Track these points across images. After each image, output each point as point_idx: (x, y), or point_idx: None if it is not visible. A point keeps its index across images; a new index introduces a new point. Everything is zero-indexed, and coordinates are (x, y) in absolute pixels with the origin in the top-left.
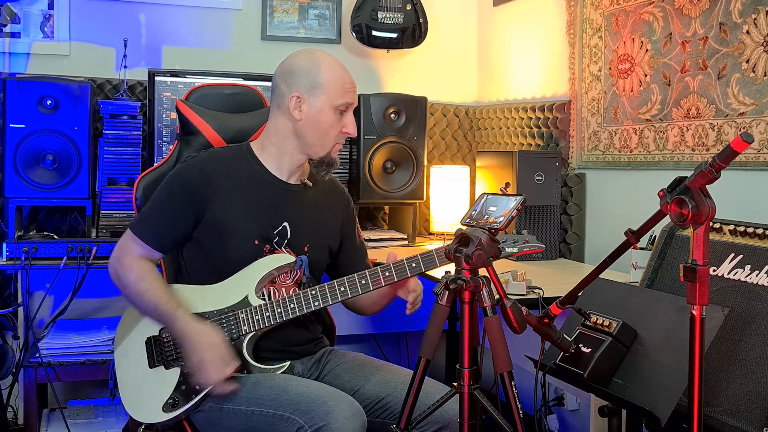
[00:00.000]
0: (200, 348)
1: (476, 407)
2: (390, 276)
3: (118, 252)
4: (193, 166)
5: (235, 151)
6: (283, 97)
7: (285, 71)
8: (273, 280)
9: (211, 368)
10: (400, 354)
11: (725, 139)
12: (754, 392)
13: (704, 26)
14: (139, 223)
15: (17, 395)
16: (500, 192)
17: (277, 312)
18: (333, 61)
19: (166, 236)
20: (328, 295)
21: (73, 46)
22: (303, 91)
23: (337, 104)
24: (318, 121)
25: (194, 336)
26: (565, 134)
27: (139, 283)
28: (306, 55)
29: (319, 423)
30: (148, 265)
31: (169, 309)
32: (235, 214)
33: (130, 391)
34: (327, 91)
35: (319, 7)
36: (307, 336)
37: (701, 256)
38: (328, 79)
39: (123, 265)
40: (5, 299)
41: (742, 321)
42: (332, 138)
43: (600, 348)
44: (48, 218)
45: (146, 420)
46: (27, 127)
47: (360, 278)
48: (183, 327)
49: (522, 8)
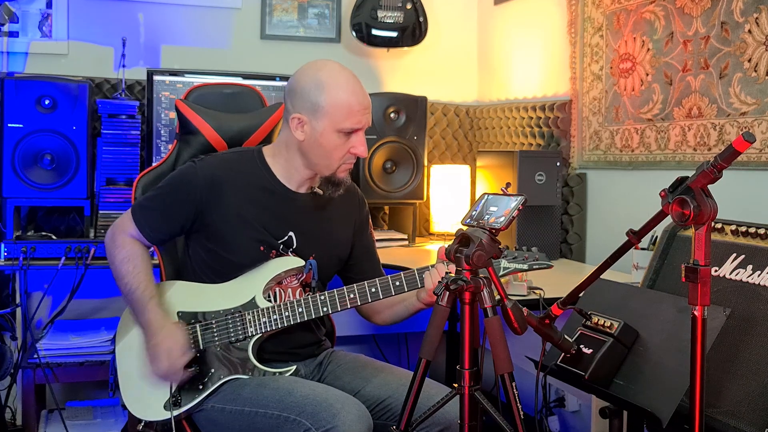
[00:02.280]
0: (158, 337)
1: (477, 408)
2: (401, 286)
3: (115, 227)
4: (202, 170)
5: (247, 157)
6: (288, 113)
7: (290, 88)
8: (280, 281)
9: (164, 357)
10: (400, 355)
11: (727, 139)
12: (755, 393)
13: (706, 25)
14: (140, 209)
15: (15, 396)
16: (501, 192)
17: (284, 315)
18: (341, 82)
19: (160, 231)
20: (337, 301)
21: (72, 46)
22: (304, 113)
23: (340, 128)
24: (320, 144)
25: (155, 328)
26: (566, 134)
27: (125, 264)
28: (312, 73)
29: (326, 426)
30: (138, 249)
31: (143, 297)
32: (240, 223)
33: (131, 388)
34: (329, 116)
35: (319, 6)
36: (311, 339)
37: (703, 257)
38: (331, 102)
39: (115, 241)
40: (3, 300)
41: (744, 322)
42: (337, 159)
43: (601, 349)
44: (46, 218)
45: (146, 417)
46: (25, 127)
47: (370, 286)
48: (149, 317)
49: (523, 7)
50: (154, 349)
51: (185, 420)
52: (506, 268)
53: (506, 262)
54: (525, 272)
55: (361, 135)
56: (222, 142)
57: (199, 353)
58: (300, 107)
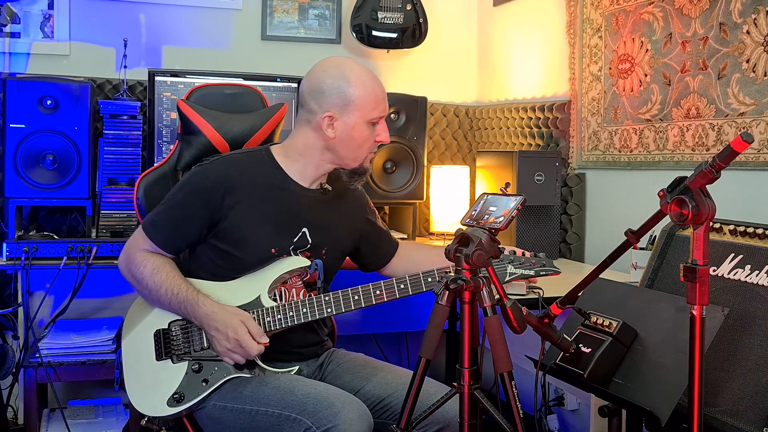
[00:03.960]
0: (230, 330)
1: (476, 407)
2: (405, 289)
3: (129, 249)
4: (212, 172)
5: (256, 157)
6: (314, 114)
7: (314, 89)
8: (284, 281)
9: (247, 342)
10: (400, 354)
11: (725, 139)
12: (754, 392)
13: (704, 26)
14: (151, 225)
15: (17, 395)
16: (500, 192)
17: (289, 315)
18: (363, 74)
19: (177, 241)
20: (341, 303)
21: (73, 46)
22: (335, 110)
23: (370, 118)
24: (352, 138)
25: (222, 317)
26: (565, 134)
27: (156, 274)
28: (334, 70)
29: (327, 425)
30: (162, 258)
31: (191, 295)
32: (253, 224)
33: (136, 382)
34: (360, 107)
35: (319, 7)
36: (314, 339)
37: (701, 256)
38: (360, 94)
39: (135, 260)
40: (5, 299)
41: (742, 321)
42: (366, 150)
43: (600, 348)
44: (48, 218)
45: (149, 413)
46: (27, 127)
47: (375, 289)
48: (208, 311)
49: (522, 8)
50: (225, 343)
51: (186, 417)
52: (512, 274)
53: (512, 267)
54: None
55: (384, 123)
56: (224, 142)
57: (203, 350)
58: (329, 105)
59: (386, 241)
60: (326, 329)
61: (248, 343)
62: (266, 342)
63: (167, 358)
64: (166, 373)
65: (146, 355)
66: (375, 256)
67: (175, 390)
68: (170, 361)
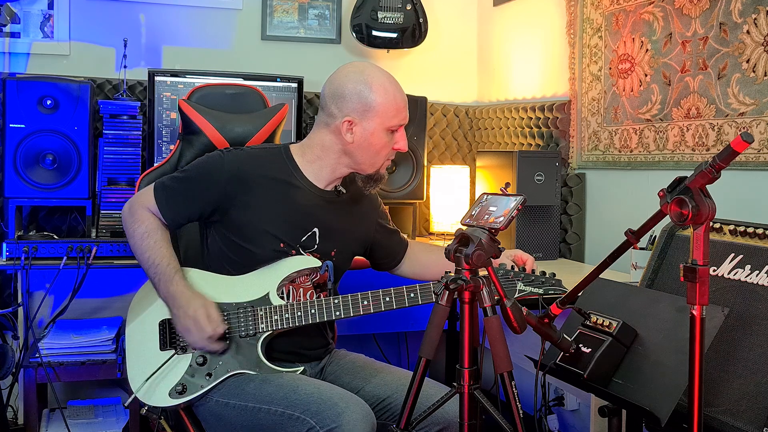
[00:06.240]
0: (190, 308)
1: (476, 407)
2: (415, 297)
3: (135, 200)
4: (229, 163)
5: (274, 153)
6: (334, 118)
7: (336, 93)
8: (293, 280)
9: (203, 323)
10: (400, 354)
11: (725, 139)
12: (754, 392)
13: (704, 26)
14: (162, 188)
15: (17, 395)
16: (500, 192)
17: (296, 315)
18: (385, 80)
19: (178, 214)
20: (350, 307)
21: (73, 46)
22: (355, 116)
23: (389, 126)
24: (370, 144)
25: (185, 299)
26: (565, 134)
27: (146, 238)
28: (357, 76)
29: (330, 425)
30: (158, 224)
31: (169, 271)
32: (265, 218)
33: (138, 371)
34: (380, 114)
35: (319, 7)
36: (320, 342)
37: (701, 256)
38: (381, 101)
39: (134, 214)
40: (5, 299)
41: (742, 321)
42: (383, 157)
43: (600, 348)
44: (48, 218)
45: (150, 402)
46: (27, 127)
47: (384, 295)
48: (176, 289)
49: (522, 8)
50: (185, 320)
51: (184, 410)
52: (522, 291)
53: (522, 285)
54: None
55: (403, 131)
56: (225, 142)
57: None
58: (349, 110)
59: (396, 242)
60: (331, 333)
61: (203, 323)
62: (221, 331)
63: (171, 349)
64: (170, 364)
65: (150, 345)
66: (386, 259)
67: (178, 381)
68: (174, 352)
